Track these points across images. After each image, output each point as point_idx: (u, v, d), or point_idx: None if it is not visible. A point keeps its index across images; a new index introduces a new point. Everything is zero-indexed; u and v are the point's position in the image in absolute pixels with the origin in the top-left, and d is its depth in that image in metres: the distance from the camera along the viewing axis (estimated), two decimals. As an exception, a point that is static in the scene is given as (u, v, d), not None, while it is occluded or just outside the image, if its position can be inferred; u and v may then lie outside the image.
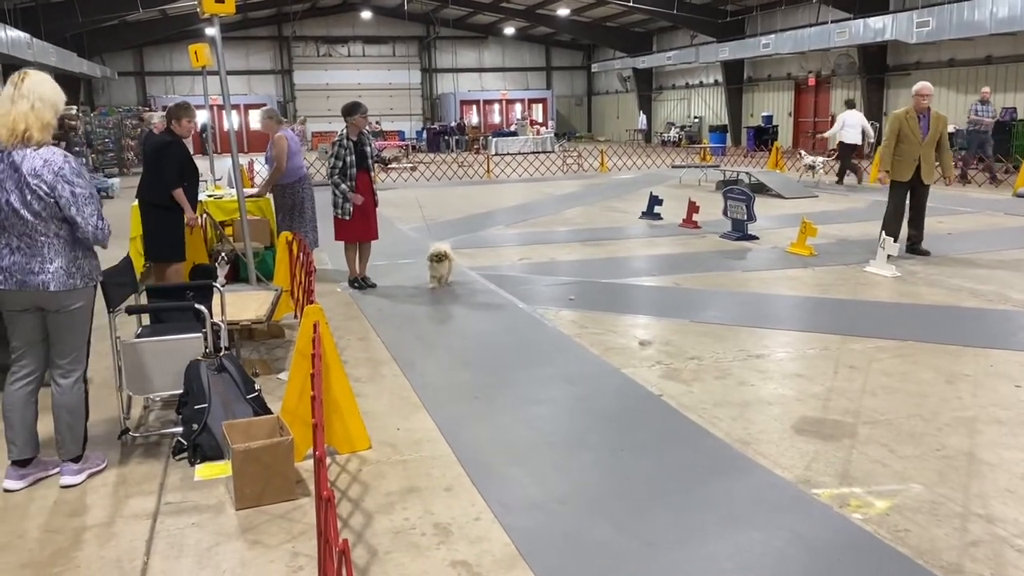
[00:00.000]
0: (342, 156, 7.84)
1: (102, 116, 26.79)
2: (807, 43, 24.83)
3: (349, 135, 7.93)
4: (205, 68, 10.86)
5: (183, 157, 6.93)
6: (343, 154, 7.85)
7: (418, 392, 5.27)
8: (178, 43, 35.65)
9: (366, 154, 8.01)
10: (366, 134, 8.11)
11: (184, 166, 6.91)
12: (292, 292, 6.84)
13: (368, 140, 8.10)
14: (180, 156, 6.92)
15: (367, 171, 8.07)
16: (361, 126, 7.99)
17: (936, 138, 9.00)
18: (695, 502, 3.72)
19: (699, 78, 35.30)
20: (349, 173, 7.89)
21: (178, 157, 6.91)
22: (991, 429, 4.47)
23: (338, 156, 7.84)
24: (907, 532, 3.42)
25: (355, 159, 7.88)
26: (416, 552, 3.37)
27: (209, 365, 4.48)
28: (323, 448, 2.79)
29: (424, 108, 43.06)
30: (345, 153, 7.87)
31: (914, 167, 9.01)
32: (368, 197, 8.09)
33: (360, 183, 7.97)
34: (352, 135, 7.94)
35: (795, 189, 16.01)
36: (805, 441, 4.38)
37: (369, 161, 8.07)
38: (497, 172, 22.72)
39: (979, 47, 21.47)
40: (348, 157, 7.87)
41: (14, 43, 19.86)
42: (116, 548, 3.45)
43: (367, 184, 8.08)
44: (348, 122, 7.95)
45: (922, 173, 9.02)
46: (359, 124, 7.96)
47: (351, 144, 7.91)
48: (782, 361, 5.79)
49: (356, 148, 7.90)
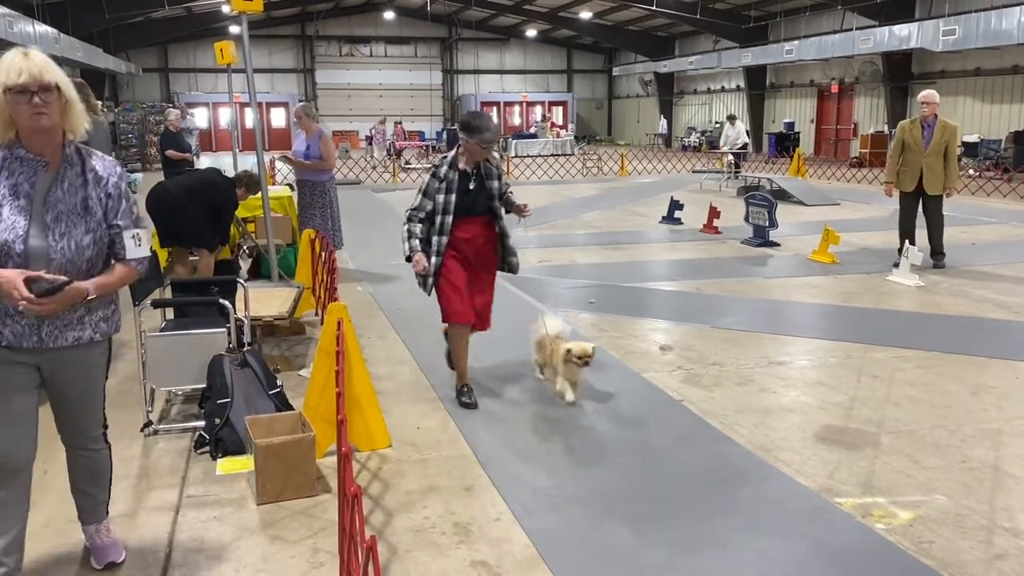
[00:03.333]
0: (430, 193, 4.92)
1: (126, 112, 27.04)
2: (831, 50, 24.67)
3: (456, 163, 4.93)
4: (230, 66, 10.93)
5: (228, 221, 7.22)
6: (433, 190, 4.91)
7: (437, 391, 5.27)
8: (202, 40, 35.93)
9: (487, 193, 5.03)
10: (493, 165, 5.06)
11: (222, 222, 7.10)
12: (314, 290, 6.87)
13: (494, 173, 5.06)
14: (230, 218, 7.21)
15: (482, 217, 5.07)
16: (481, 155, 4.92)
17: (941, 148, 8.77)
18: (716, 508, 3.70)
19: (721, 83, 35.17)
20: (439, 222, 4.90)
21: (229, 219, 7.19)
22: (1017, 442, 4.42)
23: (425, 192, 4.94)
24: (931, 544, 3.38)
25: (455, 201, 4.91)
26: (436, 551, 3.37)
27: (232, 360, 4.51)
28: (348, 444, 2.80)
29: (445, 109, 43.15)
30: (438, 190, 4.90)
31: (917, 177, 8.87)
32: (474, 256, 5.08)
33: (463, 236, 5.00)
34: (464, 164, 4.93)
35: (817, 196, 15.91)
36: (828, 450, 4.34)
37: (493, 203, 5.07)
38: (517, 174, 22.72)
39: (1006, 56, 21.26)
40: (439, 197, 4.89)
41: (42, 38, 20.10)
42: (139, 540, 3.47)
43: (476, 236, 5.05)
44: (464, 144, 4.90)
45: (924, 183, 8.87)
46: (476, 152, 4.87)
47: (454, 178, 4.90)
48: (804, 369, 5.75)
49: (462, 185, 4.92)
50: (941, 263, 9.14)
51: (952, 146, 8.86)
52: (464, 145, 4.90)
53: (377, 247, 10.93)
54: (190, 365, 4.61)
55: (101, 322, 2.99)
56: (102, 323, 3.00)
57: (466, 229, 5.00)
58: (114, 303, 3.07)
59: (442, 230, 4.92)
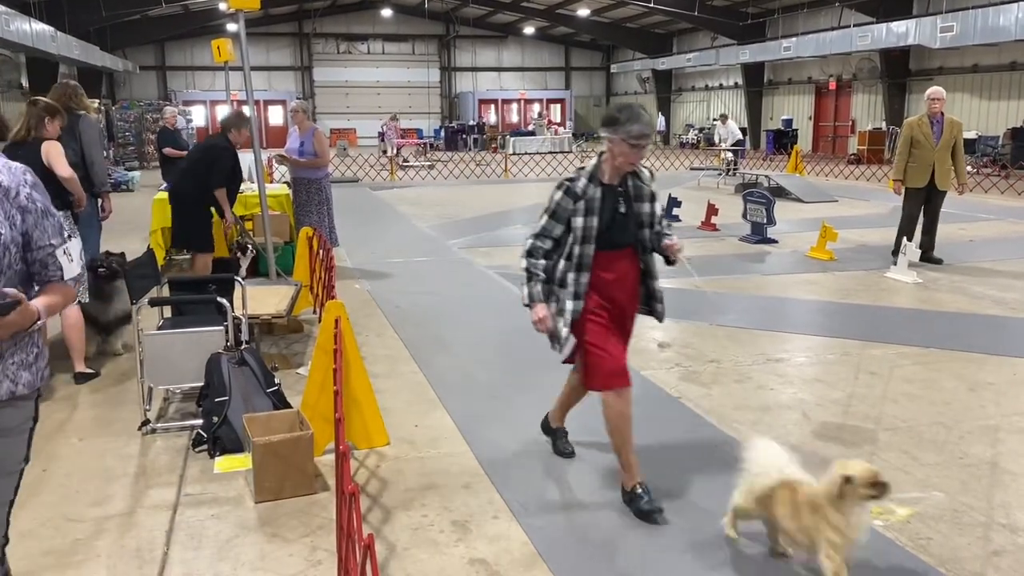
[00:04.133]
0: (562, 215, 3.64)
1: (123, 110, 27.00)
2: (829, 47, 24.67)
3: (599, 174, 3.66)
4: (227, 63, 10.92)
5: (234, 164, 7.28)
6: (566, 211, 3.63)
7: (436, 390, 5.27)
8: (199, 38, 35.86)
9: (636, 219, 3.73)
10: (644, 182, 3.78)
11: (232, 173, 7.24)
12: (311, 287, 6.87)
13: (646, 192, 3.77)
14: (232, 162, 7.24)
15: (628, 250, 3.76)
16: (631, 160, 3.59)
17: (951, 143, 8.86)
18: (714, 506, 3.70)
19: (719, 80, 35.17)
20: (576, 254, 3.63)
21: (228, 163, 7.22)
22: (1014, 438, 4.42)
23: (554, 213, 3.65)
24: (929, 540, 3.39)
25: (596, 227, 3.62)
26: (434, 549, 3.37)
27: (230, 358, 4.51)
28: (346, 443, 2.80)
29: (442, 107, 43.12)
30: (573, 212, 3.62)
31: (928, 173, 8.89)
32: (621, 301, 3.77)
33: (607, 277, 3.69)
34: (608, 177, 3.66)
35: (815, 193, 15.91)
36: (825, 446, 4.35)
37: (642, 233, 3.77)
38: (515, 171, 22.71)
39: (1004, 53, 21.27)
40: (577, 222, 3.61)
41: (38, 36, 20.07)
42: (136, 538, 3.47)
43: (624, 276, 3.77)
44: (608, 147, 3.60)
45: (936, 179, 8.88)
46: (626, 156, 3.56)
47: (596, 195, 3.62)
48: (802, 366, 5.76)
49: (607, 205, 3.63)
50: (939, 258, 9.16)
51: (960, 142, 8.95)
52: (609, 148, 3.59)
53: (375, 245, 10.93)
54: (188, 363, 4.60)
55: (21, 370, 2.22)
56: (23, 372, 2.23)
57: (610, 266, 3.68)
58: (37, 345, 2.30)
59: (581, 264, 3.63)
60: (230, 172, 7.28)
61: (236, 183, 7.47)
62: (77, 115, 6.05)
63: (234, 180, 7.39)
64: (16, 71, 25.13)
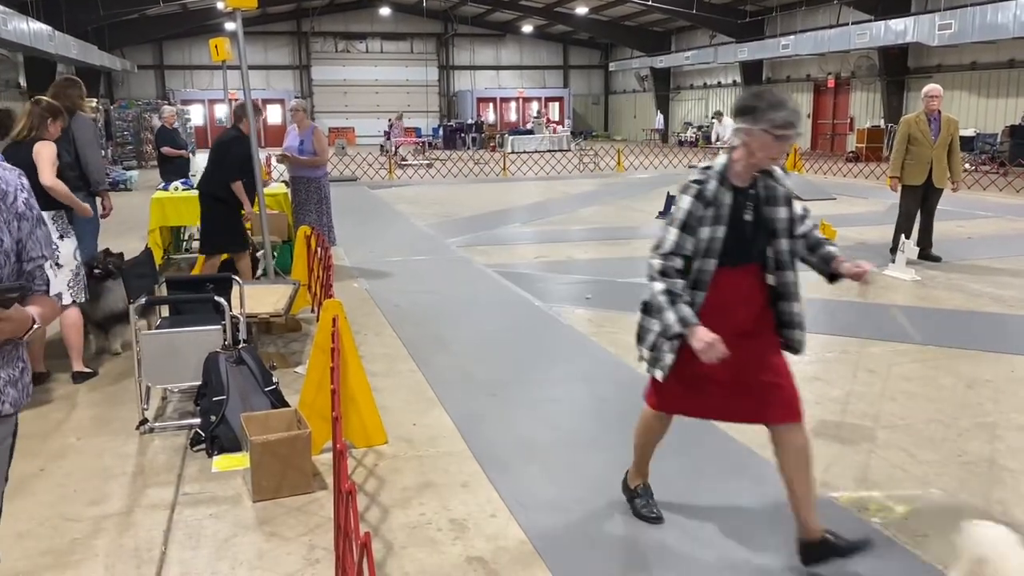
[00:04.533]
0: (694, 225, 3.07)
1: (122, 109, 26.98)
2: (827, 45, 24.66)
3: (728, 175, 3.09)
4: (225, 63, 10.90)
5: (246, 153, 7.15)
6: (693, 218, 3.07)
7: (434, 388, 5.27)
8: (197, 37, 35.82)
9: (766, 227, 3.12)
10: (778, 182, 3.15)
11: (247, 162, 7.12)
12: (309, 286, 6.86)
13: (780, 194, 3.14)
14: (244, 151, 7.13)
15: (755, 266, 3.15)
16: (773, 155, 3.02)
17: (948, 141, 8.87)
18: (712, 504, 3.71)
19: (717, 78, 35.16)
20: (693, 270, 3.09)
21: (242, 152, 7.12)
22: (1012, 435, 4.43)
23: (685, 223, 3.07)
24: (926, 537, 3.39)
25: (723, 240, 3.07)
26: (432, 547, 3.37)
27: (228, 357, 4.50)
28: (343, 441, 2.80)
29: (441, 105, 43.10)
30: (701, 219, 3.06)
31: (926, 170, 8.89)
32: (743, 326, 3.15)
33: (725, 298, 3.11)
34: (737, 178, 3.08)
35: (813, 191, 15.91)
36: (824, 444, 4.34)
37: (776, 244, 3.13)
38: (513, 170, 22.71)
39: (1002, 50, 21.27)
40: (704, 231, 3.06)
41: (36, 35, 20.04)
42: (134, 537, 3.47)
43: (749, 296, 3.18)
44: (747, 141, 3.01)
45: (934, 176, 8.88)
46: (768, 150, 2.99)
47: (725, 200, 3.06)
48: (800, 364, 5.70)
49: (736, 212, 3.06)
50: (937, 256, 9.17)
51: (956, 140, 8.97)
52: (744, 143, 3.00)
53: (374, 243, 10.92)
54: (186, 362, 4.60)
55: (8, 387, 2.15)
56: (10, 388, 2.15)
57: (730, 284, 3.08)
58: (23, 359, 2.23)
59: (698, 281, 3.06)
60: (243, 162, 7.14)
61: (252, 174, 7.23)
62: (72, 113, 6.03)
63: (249, 171, 7.19)
64: (14, 70, 25.13)
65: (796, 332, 3.22)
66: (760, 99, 2.99)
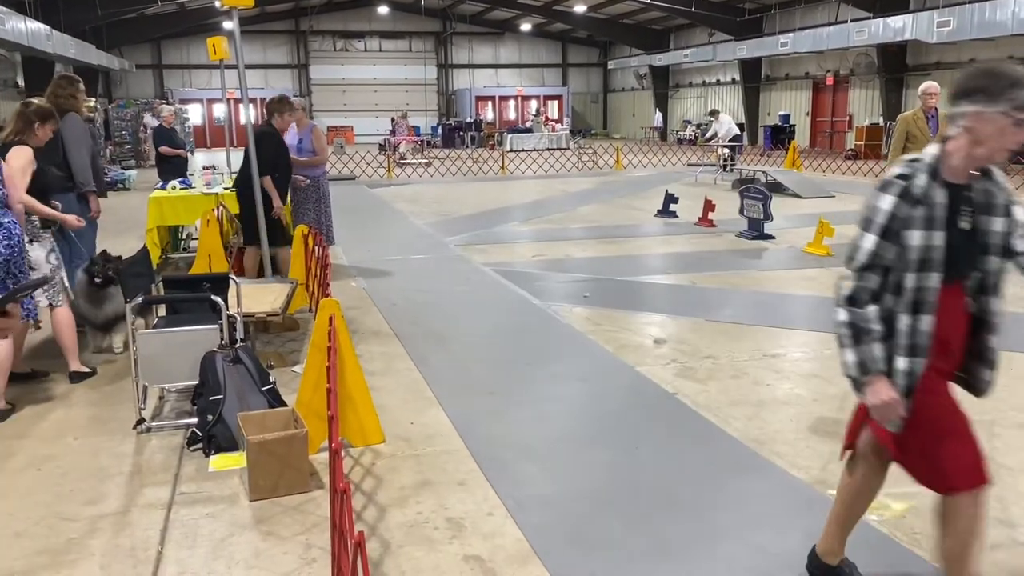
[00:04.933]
0: (892, 229, 2.49)
1: (120, 108, 26.96)
2: (826, 42, 24.68)
3: (941, 169, 2.48)
4: (223, 61, 10.88)
5: (277, 149, 7.15)
6: (897, 221, 2.48)
7: (432, 387, 5.26)
8: (195, 36, 35.80)
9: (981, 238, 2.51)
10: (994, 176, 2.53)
11: (277, 158, 7.06)
12: (307, 285, 6.86)
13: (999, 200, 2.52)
14: (274, 147, 7.11)
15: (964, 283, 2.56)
16: (1010, 144, 2.39)
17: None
18: (709, 502, 3.70)
19: (716, 76, 35.16)
20: (911, 287, 2.48)
21: (272, 148, 7.09)
22: (1011, 433, 4.42)
23: (886, 230, 2.50)
24: (923, 535, 3.38)
25: (943, 249, 2.45)
26: (429, 546, 3.36)
27: (225, 356, 4.50)
28: (339, 440, 2.79)
29: (440, 104, 43.10)
30: (908, 221, 2.46)
31: None
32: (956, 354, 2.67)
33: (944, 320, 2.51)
34: (953, 174, 2.48)
35: (812, 189, 15.91)
36: (821, 442, 4.34)
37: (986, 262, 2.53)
38: (512, 168, 22.70)
39: (1001, 47, 21.26)
40: (915, 237, 2.45)
41: (34, 35, 20.02)
42: (131, 537, 3.46)
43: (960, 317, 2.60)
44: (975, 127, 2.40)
45: None
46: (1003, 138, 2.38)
47: (940, 199, 2.46)
48: (798, 361, 5.75)
49: (954, 216, 2.47)
50: None
51: None
52: (967, 129, 2.44)
53: (372, 242, 10.92)
54: (182, 362, 4.59)
55: None
56: None
57: (949, 308, 2.55)
58: None
59: (919, 304, 2.49)
60: (272, 158, 7.05)
61: (284, 171, 7.24)
62: (63, 113, 5.98)
63: (282, 167, 7.17)
64: (12, 70, 25.11)
65: (987, 371, 2.66)
66: (996, 77, 2.39)
